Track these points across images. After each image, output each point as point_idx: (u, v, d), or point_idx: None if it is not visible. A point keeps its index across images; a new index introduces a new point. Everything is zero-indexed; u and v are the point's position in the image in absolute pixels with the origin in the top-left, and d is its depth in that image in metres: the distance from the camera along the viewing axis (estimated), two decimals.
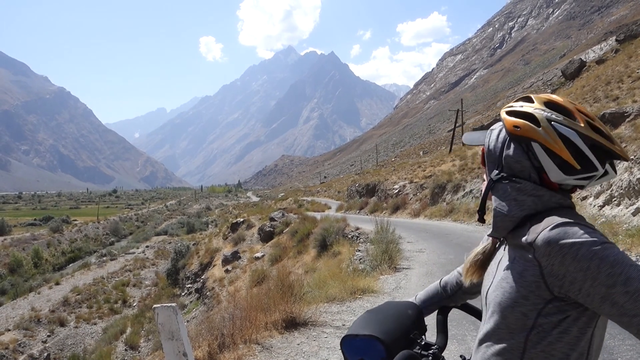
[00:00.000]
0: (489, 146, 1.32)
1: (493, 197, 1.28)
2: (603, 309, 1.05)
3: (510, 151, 1.25)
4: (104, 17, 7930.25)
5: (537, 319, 1.14)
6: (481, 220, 1.36)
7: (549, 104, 1.25)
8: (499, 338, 1.21)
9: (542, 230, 1.13)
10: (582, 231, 1.09)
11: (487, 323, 1.25)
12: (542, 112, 1.23)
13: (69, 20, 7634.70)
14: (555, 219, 1.14)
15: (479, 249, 1.41)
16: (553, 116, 1.22)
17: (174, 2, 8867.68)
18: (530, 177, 1.23)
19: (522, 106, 1.28)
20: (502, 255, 1.29)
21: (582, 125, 1.19)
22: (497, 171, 1.27)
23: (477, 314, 1.57)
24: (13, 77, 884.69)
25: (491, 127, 1.36)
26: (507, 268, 1.21)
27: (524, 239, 1.18)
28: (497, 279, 1.25)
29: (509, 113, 1.29)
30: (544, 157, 1.20)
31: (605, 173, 1.21)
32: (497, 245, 1.37)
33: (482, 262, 1.38)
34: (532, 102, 1.27)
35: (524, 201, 1.22)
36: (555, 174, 1.20)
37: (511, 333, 1.18)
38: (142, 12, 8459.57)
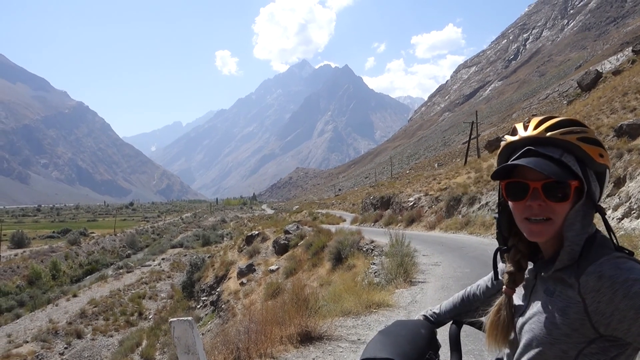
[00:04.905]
0: (580, 174, 1.16)
1: (572, 223, 1.15)
2: None
3: (593, 178, 1.18)
4: (122, 34, 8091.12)
5: (577, 358, 1.08)
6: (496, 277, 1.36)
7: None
8: None
9: (591, 264, 1.08)
10: (635, 267, 1.04)
11: (521, 354, 1.18)
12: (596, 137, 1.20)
13: (88, 36, 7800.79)
14: (602, 252, 1.10)
15: (503, 312, 1.26)
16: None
17: (191, 17, 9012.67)
18: (596, 201, 1.19)
19: (586, 132, 1.19)
20: (535, 283, 1.23)
21: None
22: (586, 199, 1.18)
23: None
24: (33, 92, 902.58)
25: (555, 154, 1.18)
26: (546, 302, 1.15)
27: (567, 271, 1.12)
28: (533, 309, 1.18)
29: (583, 140, 1.18)
30: (608, 181, 1.22)
31: None
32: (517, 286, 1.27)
33: (509, 325, 1.24)
34: (586, 126, 1.21)
35: (587, 227, 1.16)
36: (601, 196, 1.21)
37: None
38: (159, 27, 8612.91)
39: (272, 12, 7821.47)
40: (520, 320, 1.21)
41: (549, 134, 1.18)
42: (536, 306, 1.17)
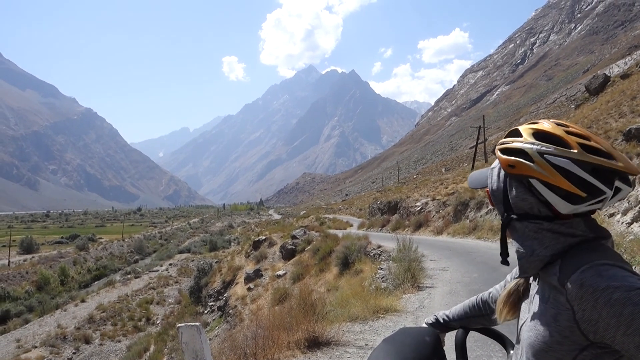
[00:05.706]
0: (492, 187, 1.29)
1: (512, 237, 1.22)
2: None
3: (513, 190, 1.20)
4: (129, 40, 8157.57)
5: None
6: (504, 262, 1.29)
7: (538, 135, 1.18)
8: None
9: (574, 272, 1.07)
10: (617, 274, 1.02)
11: None
12: (532, 145, 1.16)
13: (96, 43, 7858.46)
14: (588, 259, 1.08)
15: (512, 285, 1.33)
16: (543, 148, 1.14)
17: (198, 23, 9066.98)
18: (541, 213, 1.17)
19: (512, 142, 1.21)
20: (537, 289, 1.22)
21: (576, 150, 1.12)
22: (506, 213, 1.23)
23: (500, 339, 1.54)
24: (42, 98, 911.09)
25: (492, 166, 1.32)
26: (541, 308, 1.15)
27: (555, 278, 1.12)
28: (532, 315, 1.18)
29: (503, 151, 1.22)
30: (546, 192, 1.14)
31: (618, 190, 1.12)
32: (530, 280, 1.30)
33: (517, 300, 1.31)
34: (521, 135, 1.21)
35: (544, 239, 1.15)
36: (563, 206, 1.13)
37: None
38: (166, 34, 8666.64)
39: (279, 17, 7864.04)
40: (524, 328, 1.21)
41: (497, 146, 1.28)
42: (534, 312, 1.18)
